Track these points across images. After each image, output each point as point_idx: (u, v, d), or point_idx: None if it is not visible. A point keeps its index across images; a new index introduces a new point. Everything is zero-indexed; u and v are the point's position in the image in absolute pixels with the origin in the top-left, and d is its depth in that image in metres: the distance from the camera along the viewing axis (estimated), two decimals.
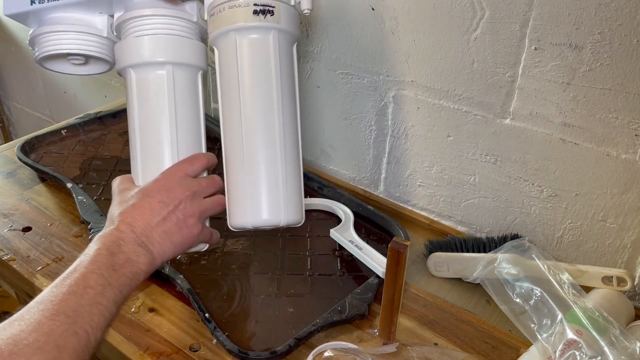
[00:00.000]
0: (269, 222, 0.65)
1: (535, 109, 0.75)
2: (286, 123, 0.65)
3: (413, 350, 0.66)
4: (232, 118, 0.65)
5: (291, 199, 0.65)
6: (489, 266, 0.73)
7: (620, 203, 0.73)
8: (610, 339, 0.62)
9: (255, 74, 0.64)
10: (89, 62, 0.75)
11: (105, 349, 0.70)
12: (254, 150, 0.64)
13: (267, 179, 0.64)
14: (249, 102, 0.64)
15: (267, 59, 0.64)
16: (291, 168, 0.66)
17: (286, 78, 0.66)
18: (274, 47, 0.64)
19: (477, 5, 0.73)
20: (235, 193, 0.65)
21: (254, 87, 0.64)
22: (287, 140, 0.65)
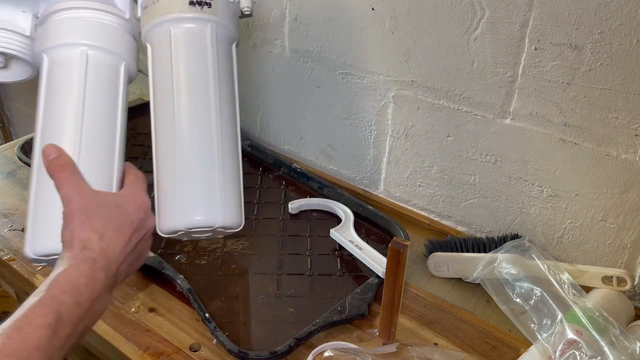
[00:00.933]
0: (203, 222, 0.58)
1: (535, 109, 0.75)
2: (224, 119, 0.60)
3: (413, 350, 0.66)
4: (165, 113, 0.60)
5: (229, 199, 0.59)
6: (489, 266, 0.73)
7: (620, 203, 0.73)
8: (610, 339, 0.62)
9: (191, 65, 0.59)
10: (10, 65, 0.68)
11: (105, 349, 0.70)
12: (189, 146, 0.58)
13: (202, 176, 0.58)
14: (184, 97, 0.59)
15: (203, 50, 0.60)
16: (229, 167, 0.60)
17: (224, 73, 0.61)
18: (212, 40, 0.60)
19: (477, 5, 0.73)
20: (166, 194, 0.59)
21: (189, 79, 0.59)
22: (224, 136, 0.60)
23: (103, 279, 0.50)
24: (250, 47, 1.02)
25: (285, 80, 1.00)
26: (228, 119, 0.61)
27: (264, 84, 1.04)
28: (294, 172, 0.99)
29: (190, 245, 0.84)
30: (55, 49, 0.59)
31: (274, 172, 1.02)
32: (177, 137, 0.58)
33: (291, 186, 0.98)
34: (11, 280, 0.82)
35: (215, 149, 0.59)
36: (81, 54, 0.58)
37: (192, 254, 0.82)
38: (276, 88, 1.02)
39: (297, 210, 0.92)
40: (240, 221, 0.63)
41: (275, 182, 1.00)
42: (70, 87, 0.57)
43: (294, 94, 1.00)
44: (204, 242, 0.84)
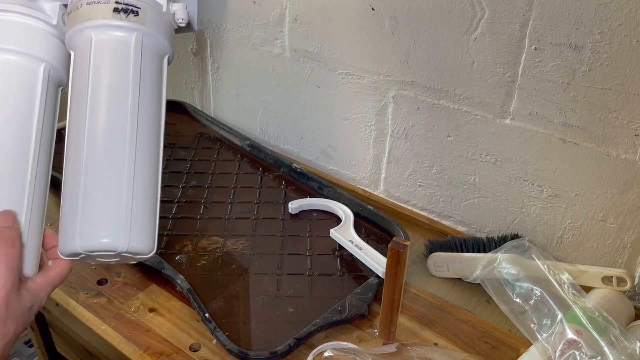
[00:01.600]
0: (105, 245, 0.52)
1: (535, 109, 0.75)
2: (141, 134, 0.55)
3: (413, 350, 0.66)
4: (77, 123, 0.55)
5: (137, 222, 0.54)
6: (489, 266, 0.73)
7: (620, 203, 0.73)
8: (610, 339, 0.62)
9: (109, 75, 0.55)
10: None
11: (105, 349, 0.70)
12: (97, 160, 0.54)
13: (107, 195, 0.53)
14: (98, 108, 0.55)
15: (125, 61, 0.56)
16: (143, 187, 0.55)
17: (148, 87, 0.57)
18: (136, 51, 0.56)
19: (477, 5, 0.73)
20: (68, 213, 0.54)
21: (105, 90, 0.55)
22: (140, 152, 0.55)
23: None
24: (250, 47, 1.02)
25: (285, 80, 1.00)
26: (146, 135, 0.56)
27: (264, 84, 1.04)
28: (294, 172, 0.99)
29: (190, 245, 0.84)
30: None
31: (274, 172, 1.02)
32: (85, 149, 0.54)
33: (291, 186, 0.98)
34: None
35: (126, 167, 0.54)
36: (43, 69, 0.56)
37: (192, 254, 0.82)
38: (276, 88, 1.02)
39: (297, 210, 0.92)
40: (152, 247, 0.56)
41: (275, 182, 1.00)
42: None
43: (294, 94, 1.00)
44: (203, 242, 0.84)
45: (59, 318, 0.77)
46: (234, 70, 1.08)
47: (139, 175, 0.54)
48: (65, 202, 0.54)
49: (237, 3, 0.99)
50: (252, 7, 0.97)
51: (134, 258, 0.56)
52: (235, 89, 1.10)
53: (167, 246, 0.83)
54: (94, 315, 0.71)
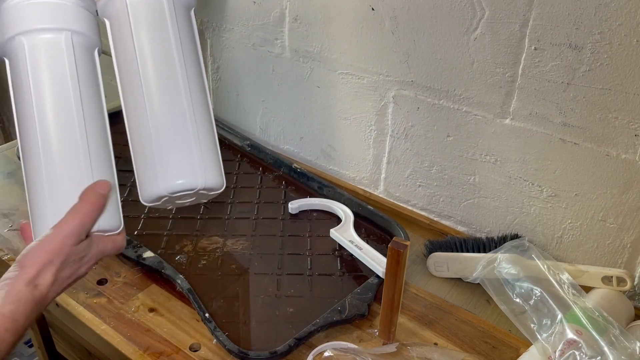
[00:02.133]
0: (185, 185, 0.58)
1: (535, 109, 0.75)
2: (191, 82, 0.60)
3: (413, 350, 0.66)
4: (132, 84, 0.59)
5: (207, 160, 0.59)
6: (489, 266, 0.73)
7: (620, 203, 0.73)
8: (610, 339, 0.62)
9: (152, 34, 0.59)
10: None
11: (105, 349, 0.70)
12: (160, 113, 0.58)
13: (176, 140, 0.58)
14: (149, 65, 0.59)
15: (162, 18, 0.59)
16: (203, 128, 0.60)
17: (186, 38, 0.61)
18: (169, 7, 0.60)
19: (477, 5, 0.73)
20: (144, 163, 0.59)
21: (152, 48, 0.59)
22: (195, 100, 0.60)
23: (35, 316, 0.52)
24: (250, 47, 1.02)
25: (285, 80, 1.00)
26: (195, 81, 0.61)
27: (264, 84, 1.04)
28: (294, 172, 0.99)
29: (190, 245, 0.84)
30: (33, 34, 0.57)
31: (274, 172, 1.02)
32: (147, 106, 0.58)
33: (291, 186, 0.98)
34: None
35: (187, 113, 0.59)
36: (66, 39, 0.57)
37: (192, 254, 0.82)
38: (276, 88, 1.02)
39: (297, 210, 0.92)
40: (222, 181, 0.61)
41: (275, 182, 1.00)
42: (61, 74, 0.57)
43: (294, 94, 1.00)
44: (204, 242, 0.84)
45: (59, 318, 0.77)
46: (234, 70, 1.08)
47: (198, 118, 0.59)
48: (138, 154, 0.59)
49: (237, 3, 0.99)
50: (252, 7, 0.97)
51: (208, 195, 0.61)
52: (235, 89, 1.10)
53: (167, 246, 0.83)
54: (94, 315, 0.71)
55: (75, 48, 0.58)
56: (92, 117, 0.58)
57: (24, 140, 0.59)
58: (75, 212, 0.53)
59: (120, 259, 0.80)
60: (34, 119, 0.57)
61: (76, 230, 0.53)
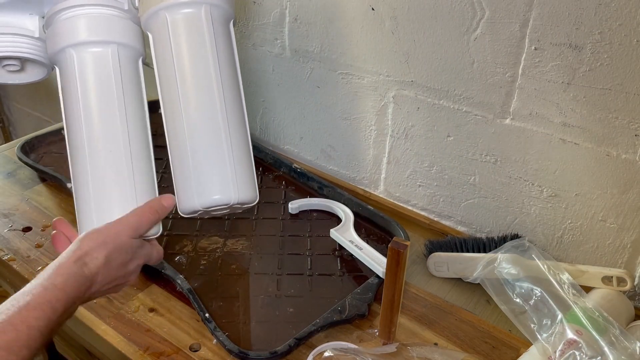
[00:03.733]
0: (220, 201, 0.61)
1: (535, 109, 0.75)
2: (227, 98, 0.62)
3: (413, 350, 0.66)
4: (172, 100, 0.62)
5: (241, 176, 0.62)
6: (489, 266, 0.73)
7: (620, 203, 0.73)
8: (610, 339, 0.62)
9: (191, 51, 0.61)
10: (25, 68, 0.69)
11: (105, 349, 0.70)
12: (196, 129, 0.61)
13: (212, 157, 0.61)
14: (188, 81, 0.61)
15: (201, 34, 0.62)
16: (238, 145, 0.63)
17: (224, 54, 0.63)
18: (207, 22, 0.62)
19: (477, 5, 0.73)
20: (181, 177, 0.63)
21: (191, 64, 0.62)
22: (230, 116, 0.62)
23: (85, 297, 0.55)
24: (250, 47, 1.02)
25: (285, 80, 1.00)
26: (232, 97, 0.63)
27: (264, 84, 1.04)
28: (294, 172, 0.99)
29: (190, 245, 0.84)
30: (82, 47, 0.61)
31: (274, 172, 1.02)
32: (184, 123, 0.61)
33: (291, 186, 0.98)
34: (11, 280, 0.82)
35: (222, 130, 0.61)
36: (112, 52, 0.61)
37: (192, 254, 0.82)
38: (276, 88, 1.02)
39: (297, 210, 0.92)
40: (255, 195, 0.65)
41: (275, 182, 1.00)
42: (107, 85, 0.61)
43: (294, 94, 1.00)
44: (203, 242, 0.84)
45: None
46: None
47: (233, 135, 0.62)
48: (176, 168, 0.63)
49: (237, 3, 0.99)
50: (252, 7, 0.97)
51: (242, 208, 0.64)
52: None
53: (167, 246, 0.83)
54: (94, 315, 0.71)
55: (120, 60, 0.61)
56: (135, 128, 0.62)
57: (72, 148, 0.62)
58: (137, 212, 0.58)
59: None
60: (82, 128, 0.60)
61: (134, 226, 0.57)
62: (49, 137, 1.07)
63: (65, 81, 0.62)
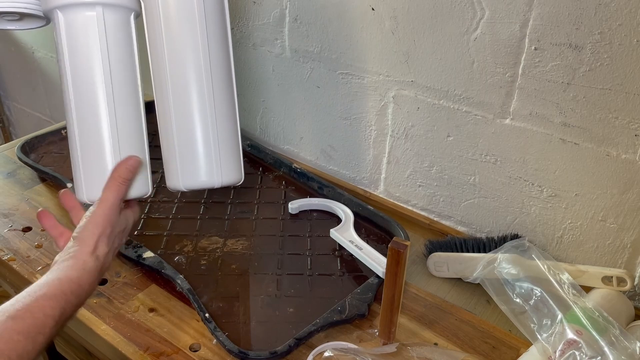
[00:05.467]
0: (202, 184, 0.65)
1: (535, 109, 0.75)
2: (215, 79, 0.63)
3: (413, 350, 0.66)
4: (159, 78, 0.64)
5: (225, 159, 0.65)
6: (489, 266, 0.73)
7: (620, 203, 0.73)
8: (610, 339, 0.62)
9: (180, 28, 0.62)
10: (24, 17, 0.72)
11: (105, 349, 0.70)
12: (182, 113, 0.63)
13: (195, 141, 0.63)
14: (175, 61, 0.62)
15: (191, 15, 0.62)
16: (223, 127, 0.64)
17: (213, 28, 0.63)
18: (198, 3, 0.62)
19: (477, 5, 0.73)
20: (168, 156, 0.65)
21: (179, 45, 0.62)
22: (217, 98, 0.63)
23: (97, 284, 0.59)
24: (250, 47, 1.02)
25: (285, 80, 1.00)
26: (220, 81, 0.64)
27: (264, 84, 1.04)
28: (294, 172, 0.99)
29: (190, 245, 0.84)
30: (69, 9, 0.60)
31: (274, 172, 1.02)
32: (171, 106, 0.63)
33: (291, 186, 0.98)
34: (11, 280, 0.82)
35: (208, 113, 0.63)
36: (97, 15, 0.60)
37: (192, 254, 0.82)
38: (276, 88, 1.02)
39: (297, 210, 0.92)
40: (240, 176, 0.67)
41: (275, 182, 1.00)
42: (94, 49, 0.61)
43: (294, 94, 1.00)
44: (204, 242, 0.84)
45: None
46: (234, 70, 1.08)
47: (220, 118, 0.63)
48: (164, 148, 0.65)
49: (237, 3, 0.99)
50: (252, 7, 0.97)
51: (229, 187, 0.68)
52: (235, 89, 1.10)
53: (167, 246, 0.83)
54: (94, 315, 0.71)
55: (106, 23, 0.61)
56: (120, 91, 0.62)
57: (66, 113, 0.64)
58: (110, 188, 0.61)
59: (121, 259, 0.80)
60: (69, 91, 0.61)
61: (116, 202, 0.61)
62: (49, 137, 1.07)
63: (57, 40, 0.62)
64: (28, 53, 1.60)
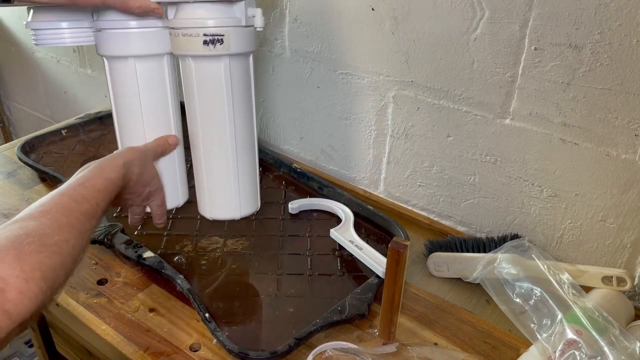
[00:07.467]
0: (226, 217, 0.77)
1: (535, 109, 0.75)
2: (239, 133, 0.72)
3: (413, 350, 0.66)
4: (193, 127, 0.73)
5: (245, 195, 0.76)
6: (488, 266, 0.73)
7: (620, 203, 0.73)
8: (610, 339, 0.62)
9: (209, 96, 0.70)
10: None
11: (105, 349, 0.70)
12: (209, 154, 0.73)
13: (222, 180, 0.74)
14: (205, 118, 0.71)
15: (219, 82, 0.69)
16: (245, 169, 0.75)
17: (239, 92, 0.71)
18: (225, 72, 0.68)
19: (477, 5, 0.73)
20: (198, 188, 0.77)
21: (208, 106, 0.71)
22: (239, 143, 0.73)
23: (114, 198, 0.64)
24: None
25: (285, 80, 1.00)
26: (242, 130, 0.73)
27: (264, 84, 1.04)
28: (294, 172, 0.99)
29: (190, 245, 0.84)
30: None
31: (274, 172, 1.02)
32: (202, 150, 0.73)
33: (291, 186, 0.98)
34: None
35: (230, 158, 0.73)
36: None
37: (192, 254, 0.82)
38: (276, 88, 1.02)
39: (297, 210, 0.92)
40: (257, 206, 0.80)
41: (275, 182, 1.00)
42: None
43: (294, 94, 1.00)
44: (204, 242, 0.84)
45: (59, 318, 0.77)
46: None
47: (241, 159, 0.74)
48: (196, 179, 0.76)
49: None
50: None
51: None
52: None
53: (167, 246, 0.83)
54: (94, 315, 0.71)
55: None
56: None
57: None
58: (153, 142, 0.72)
59: (121, 258, 0.80)
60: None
61: (153, 150, 0.71)
62: (49, 137, 1.07)
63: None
64: (28, 53, 1.60)
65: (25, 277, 0.43)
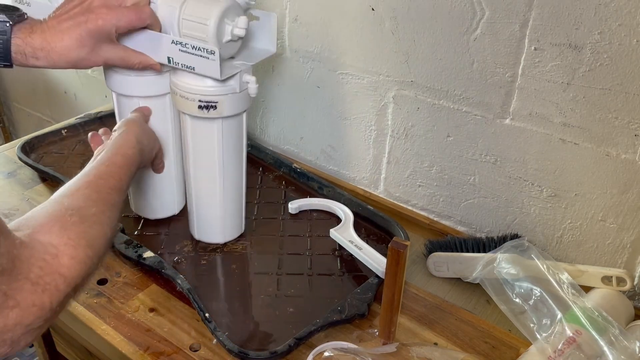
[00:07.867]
0: (211, 240, 0.84)
1: (535, 109, 0.75)
2: (227, 179, 0.78)
3: (413, 350, 0.66)
4: (186, 167, 0.80)
5: (230, 223, 0.83)
6: (488, 266, 0.73)
7: (620, 203, 0.73)
8: (610, 339, 0.62)
9: (202, 150, 0.76)
10: None
11: (105, 349, 0.70)
12: (199, 186, 0.79)
13: (209, 210, 0.81)
14: (197, 166, 0.78)
15: (211, 140, 0.75)
16: (231, 198, 0.81)
17: (230, 147, 0.76)
18: (218, 132, 0.74)
19: (477, 6, 0.73)
20: (190, 210, 0.84)
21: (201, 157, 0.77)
22: (227, 180, 0.78)
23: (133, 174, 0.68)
24: None
25: (285, 80, 1.00)
26: (231, 174, 0.79)
27: (264, 84, 1.04)
28: (294, 172, 0.99)
29: (190, 245, 0.84)
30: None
31: (274, 172, 1.02)
32: (193, 185, 0.80)
33: (291, 186, 0.98)
34: None
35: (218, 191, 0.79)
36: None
37: (192, 254, 0.82)
38: (276, 88, 1.02)
39: (297, 210, 0.92)
40: (241, 231, 0.86)
41: (275, 182, 1.00)
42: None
43: (294, 94, 1.00)
44: (203, 242, 0.84)
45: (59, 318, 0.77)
46: None
47: (228, 192, 0.79)
48: (188, 203, 0.84)
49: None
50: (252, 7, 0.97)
51: None
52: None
53: (167, 246, 0.83)
54: (94, 315, 0.71)
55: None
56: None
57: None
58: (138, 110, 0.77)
59: (121, 259, 0.80)
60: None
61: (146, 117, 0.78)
62: (49, 137, 1.07)
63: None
64: None
65: (73, 244, 0.47)
